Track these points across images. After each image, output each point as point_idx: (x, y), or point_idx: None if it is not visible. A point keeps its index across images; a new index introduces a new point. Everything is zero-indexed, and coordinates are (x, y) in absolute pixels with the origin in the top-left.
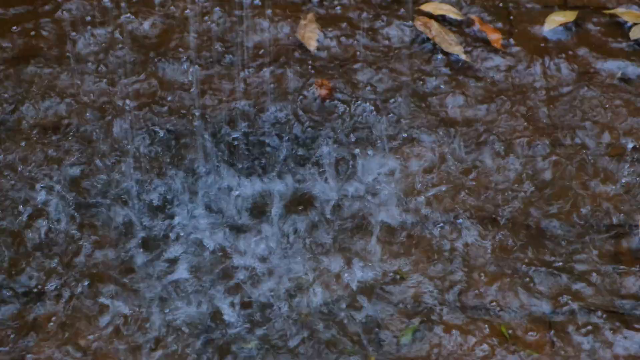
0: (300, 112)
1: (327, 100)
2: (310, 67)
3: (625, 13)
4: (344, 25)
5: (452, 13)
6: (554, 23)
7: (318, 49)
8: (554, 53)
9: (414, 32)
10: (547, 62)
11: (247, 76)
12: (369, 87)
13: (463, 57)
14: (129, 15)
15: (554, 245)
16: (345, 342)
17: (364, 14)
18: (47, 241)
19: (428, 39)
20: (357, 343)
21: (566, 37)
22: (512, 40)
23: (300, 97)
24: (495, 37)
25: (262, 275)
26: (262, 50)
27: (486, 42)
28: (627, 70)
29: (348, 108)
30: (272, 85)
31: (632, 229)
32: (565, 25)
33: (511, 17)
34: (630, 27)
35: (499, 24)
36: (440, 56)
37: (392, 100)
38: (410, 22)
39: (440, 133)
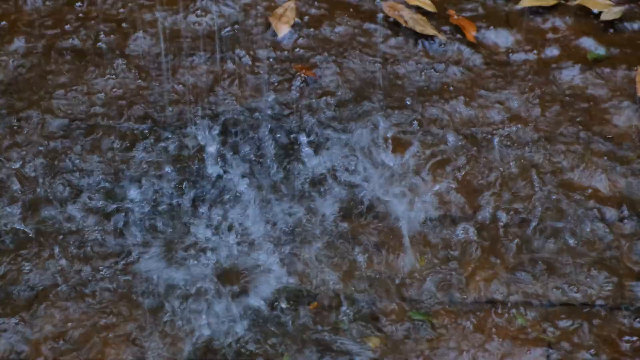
0: None
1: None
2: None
3: (591, 2)
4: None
5: (426, 5)
6: (529, 2)
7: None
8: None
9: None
10: None
11: None
12: None
13: (440, 38)
14: None
15: None
16: None
17: None
18: None
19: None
20: None
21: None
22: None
23: None
24: (470, 30)
25: None
26: None
27: (461, 34)
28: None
29: None
30: None
31: None
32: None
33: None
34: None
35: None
36: None
37: None
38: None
39: None
